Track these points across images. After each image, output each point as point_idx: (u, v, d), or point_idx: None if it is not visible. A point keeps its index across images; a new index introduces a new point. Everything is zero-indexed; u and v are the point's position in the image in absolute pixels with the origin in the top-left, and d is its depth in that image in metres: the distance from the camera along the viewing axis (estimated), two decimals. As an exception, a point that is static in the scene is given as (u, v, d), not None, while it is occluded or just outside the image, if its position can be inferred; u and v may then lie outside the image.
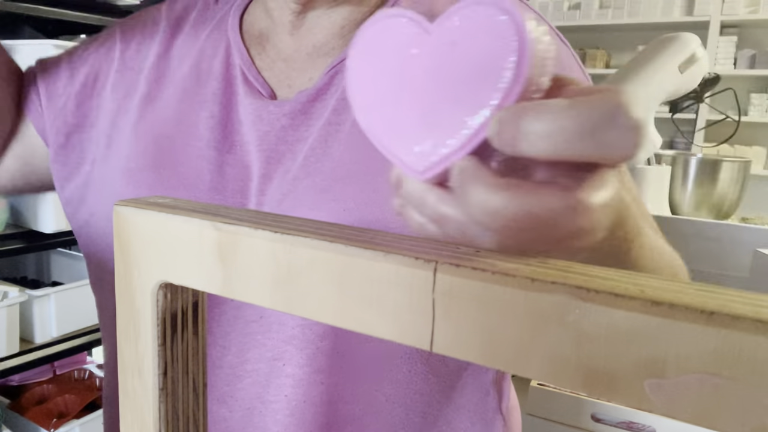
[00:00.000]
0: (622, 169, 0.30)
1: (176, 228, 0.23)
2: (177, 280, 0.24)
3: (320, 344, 0.45)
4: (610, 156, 0.20)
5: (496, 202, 0.20)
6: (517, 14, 0.22)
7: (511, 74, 0.21)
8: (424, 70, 0.24)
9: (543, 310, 0.16)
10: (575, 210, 0.20)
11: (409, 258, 0.19)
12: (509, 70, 0.21)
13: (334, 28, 0.52)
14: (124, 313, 0.26)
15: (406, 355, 0.47)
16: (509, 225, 0.21)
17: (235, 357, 0.47)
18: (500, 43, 0.22)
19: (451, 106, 0.23)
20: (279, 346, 0.45)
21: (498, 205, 0.20)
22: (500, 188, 0.21)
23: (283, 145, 0.48)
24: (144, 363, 0.25)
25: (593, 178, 0.21)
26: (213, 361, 0.47)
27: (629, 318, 0.15)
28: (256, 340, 0.46)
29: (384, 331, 0.19)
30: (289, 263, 0.21)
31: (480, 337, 0.18)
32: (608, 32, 3.93)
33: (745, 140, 3.56)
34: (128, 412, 0.26)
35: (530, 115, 0.20)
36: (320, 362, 0.45)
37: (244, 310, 0.46)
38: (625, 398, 0.16)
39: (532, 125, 0.20)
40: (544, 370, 0.17)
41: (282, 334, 0.45)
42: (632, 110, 0.20)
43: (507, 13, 0.22)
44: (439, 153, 0.23)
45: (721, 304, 0.14)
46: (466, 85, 0.23)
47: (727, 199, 1.38)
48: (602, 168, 0.22)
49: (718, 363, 0.14)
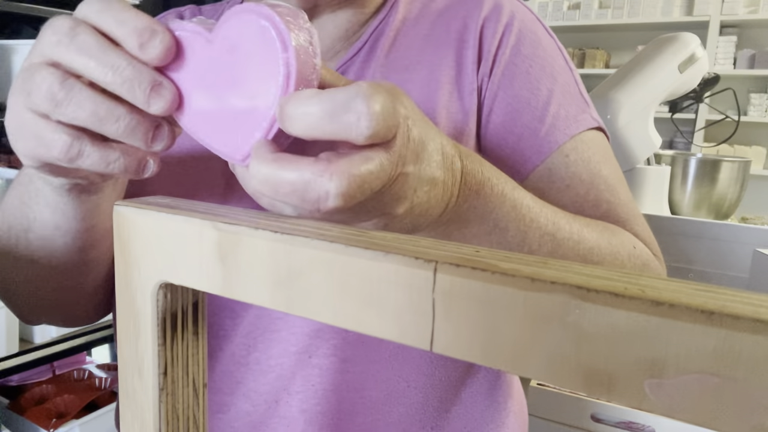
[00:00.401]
0: (463, 156, 0.33)
1: (176, 228, 0.23)
2: (177, 280, 0.24)
3: (346, 334, 0.47)
4: (349, 135, 0.25)
5: (262, 172, 0.25)
6: (275, 19, 0.27)
7: (283, 70, 0.27)
8: (217, 74, 0.29)
9: (543, 310, 0.16)
10: (325, 176, 0.24)
11: (409, 258, 0.19)
12: (281, 66, 0.27)
13: (339, 31, 0.53)
14: (124, 313, 0.26)
15: None
16: (277, 191, 0.25)
17: (262, 353, 0.48)
18: (268, 46, 0.27)
19: (249, 102, 0.28)
20: (304, 340, 0.47)
21: (264, 173, 0.25)
22: (267, 161, 0.25)
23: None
24: (144, 363, 0.25)
25: (355, 154, 0.25)
26: (238, 359, 0.48)
27: (629, 318, 0.15)
28: (281, 336, 0.47)
29: (384, 331, 0.19)
30: (289, 263, 0.21)
31: (480, 337, 0.18)
32: (608, 32, 3.93)
33: (745, 140, 3.56)
34: (128, 411, 0.26)
35: (289, 102, 0.26)
36: (346, 352, 0.47)
37: (268, 309, 0.47)
38: (625, 398, 0.16)
39: (289, 109, 0.26)
40: (544, 370, 0.17)
41: (307, 327, 0.47)
42: (369, 99, 0.24)
43: (267, 19, 0.27)
44: (249, 142, 0.28)
45: (721, 304, 0.14)
46: (254, 82, 0.28)
47: (726, 199, 1.38)
48: (366, 147, 0.26)
49: (718, 363, 0.14)
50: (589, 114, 0.52)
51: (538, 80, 0.51)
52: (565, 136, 0.50)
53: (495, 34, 0.52)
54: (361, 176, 0.25)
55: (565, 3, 3.88)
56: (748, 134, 3.55)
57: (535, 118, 0.50)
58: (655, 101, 1.32)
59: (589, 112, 0.53)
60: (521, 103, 0.51)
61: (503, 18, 0.53)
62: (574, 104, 0.52)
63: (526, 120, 0.50)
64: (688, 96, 1.41)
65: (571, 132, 0.50)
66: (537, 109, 0.50)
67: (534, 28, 0.54)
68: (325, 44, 0.53)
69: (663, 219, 1.24)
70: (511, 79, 0.51)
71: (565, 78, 0.53)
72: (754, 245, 1.11)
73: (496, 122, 0.51)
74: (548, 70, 0.52)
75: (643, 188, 1.34)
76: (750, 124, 3.44)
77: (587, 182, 0.49)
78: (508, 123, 0.50)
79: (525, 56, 0.52)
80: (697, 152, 1.52)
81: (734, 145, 3.47)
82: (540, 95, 0.51)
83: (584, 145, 0.51)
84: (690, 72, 1.30)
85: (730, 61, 3.49)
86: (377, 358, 0.48)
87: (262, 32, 0.27)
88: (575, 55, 3.89)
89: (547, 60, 0.53)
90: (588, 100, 0.54)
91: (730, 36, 3.50)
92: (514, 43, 0.52)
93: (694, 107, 1.60)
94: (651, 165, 1.38)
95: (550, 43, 0.54)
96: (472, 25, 0.52)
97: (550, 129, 0.50)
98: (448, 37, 0.52)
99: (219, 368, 0.49)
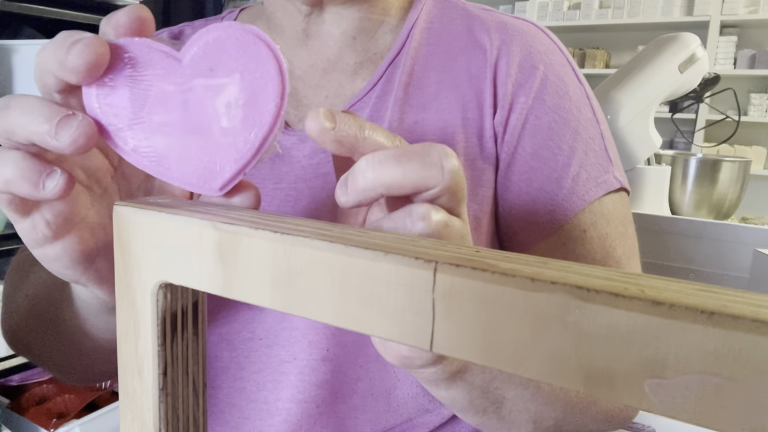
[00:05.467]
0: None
1: (176, 228, 0.23)
2: (177, 280, 0.24)
3: (355, 386, 0.47)
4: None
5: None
6: (261, 33, 0.24)
7: (278, 87, 0.24)
8: (187, 98, 0.26)
9: (543, 310, 0.16)
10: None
11: (409, 258, 0.19)
12: (275, 83, 0.24)
13: (346, 39, 0.50)
14: (124, 313, 0.26)
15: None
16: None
17: (270, 393, 0.47)
18: (257, 62, 0.25)
19: (227, 127, 0.25)
20: (311, 390, 0.46)
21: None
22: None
23: (302, 183, 0.48)
24: (144, 363, 0.25)
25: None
26: (248, 395, 0.48)
27: (629, 318, 0.15)
28: (289, 381, 0.47)
29: (384, 331, 0.19)
30: (289, 263, 0.21)
31: (480, 337, 0.18)
32: (608, 32, 3.93)
33: (745, 140, 3.56)
34: (128, 412, 0.26)
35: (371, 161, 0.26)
36: (356, 402, 0.47)
37: (277, 350, 0.47)
38: (625, 398, 0.16)
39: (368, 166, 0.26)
40: (544, 370, 0.17)
41: (314, 378, 0.46)
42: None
43: (252, 34, 0.25)
44: (231, 169, 0.26)
45: (721, 304, 0.14)
46: (237, 106, 0.25)
47: (727, 199, 1.38)
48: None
49: (718, 363, 0.14)
50: (612, 174, 0.49)
51: (560, 137, 0.47)
52: (583, 202, 0.47)
53: (509, 75, 0.48)
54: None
55: (565, 3, 3.88)
56: (749, 134, 3.55)
57: (553, 181, 0.47)
58: (656, 101, 1.32)
59: (612, 171, 0.49)
60: (540, 162, 0.47)
61: (519, 55, 0.48)
62: (597, 164, 0.48)
63: (543, 182, 0.47)
64: (688, 96, 1.41)
65: (590, 197, 0.47)
66: (556, 170, 0.47)
67: (562, 73, 0.50)
68: (332, 53, 0.50)
69: (663, 219, 1.24)
70: (532, 134, 0.47)
71: (591, 133, 0.49)
72: (754, 245, 1.11)
73: (513, 180, 0.48)
74: (572, 125, 0.48)
75: (643, 188, 1.34)
76: (750, 124, 3.44)
77: (599, 263, 0.47)
78: (524, 183, 0.48)
79: (549, 108, 0.48)
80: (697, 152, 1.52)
81: (734, 145, 3.47)
82: (560, 154, 0.47)
83: (603, 219, 0.48)
84: (690, 72, 1.30)
85: (730, 61, 3.49)
86: (386, 408, 0.47)
87: (250, 48, 0.25)
88: (575, 55, 3.89)
89: (572, 113, 0.48)
90: (612, 157, 0.50)
91: (731, 36, 3.50)
92: (537, 90, 0.48)
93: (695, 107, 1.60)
94: (651, 165, 1.38)
95: (578, 91, 0.50)
96: (489, 60, 0.49)
97: (568, 194, 0.47)
98: (468, 73, 0.49)
99: (227, 401, 0.49)
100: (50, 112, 0.26)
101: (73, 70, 0.25)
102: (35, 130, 0.26)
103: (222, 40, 0.25)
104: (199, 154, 0.26)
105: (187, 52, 0.26)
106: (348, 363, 0.46)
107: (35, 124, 0.25)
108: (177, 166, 0.26)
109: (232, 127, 0.25)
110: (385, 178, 0.26)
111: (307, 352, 0.46)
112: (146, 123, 0.26)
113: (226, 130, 0.26)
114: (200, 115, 0.26)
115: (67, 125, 0.25)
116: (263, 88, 0.25)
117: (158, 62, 0.26)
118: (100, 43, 0.25)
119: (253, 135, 0.25)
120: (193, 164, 0.26)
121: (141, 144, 0.27)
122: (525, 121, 0.47)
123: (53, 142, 0.25)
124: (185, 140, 0.26)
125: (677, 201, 1.42)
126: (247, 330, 0.47)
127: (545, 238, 0.47)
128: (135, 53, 0.26)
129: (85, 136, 0.25)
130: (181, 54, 0.26)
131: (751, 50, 3.47)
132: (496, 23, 0.50)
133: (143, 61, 0.26)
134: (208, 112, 0.26)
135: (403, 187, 0.26)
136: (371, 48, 0.51)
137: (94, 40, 0.25)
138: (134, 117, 0.26)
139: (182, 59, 0.26)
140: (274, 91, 0.25)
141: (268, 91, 0.25)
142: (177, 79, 0.26)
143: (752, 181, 1.47)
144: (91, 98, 0.26)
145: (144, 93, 0.26)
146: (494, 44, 0.49)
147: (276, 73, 0.25)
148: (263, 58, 0.25)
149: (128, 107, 0.26)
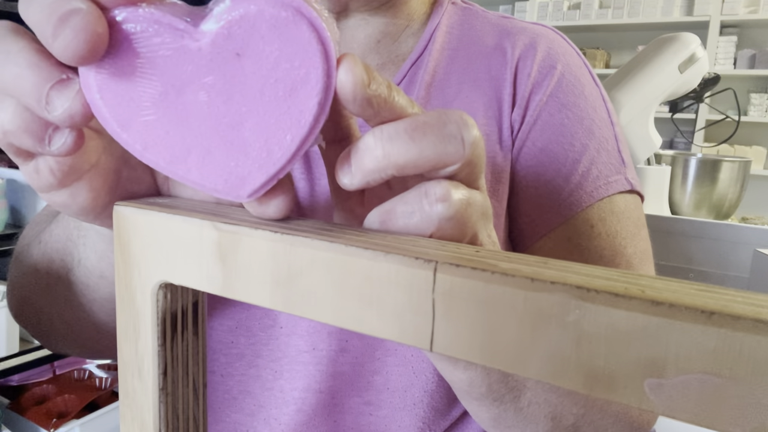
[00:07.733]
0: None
1: (176, 228, 0.23)
2: (177, 280, 0.24)
3: (371, 379, 0.47)
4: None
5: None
6: (304, 7, 0.19)
7: (322, 79, 0.20)
8: (210, 90, 0.21)
9: (543, 310, 0.16)
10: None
11: (409, 258, 0.19)
12: (318, 74, 0.20)
13: (370, 42, 0.50)
14: (124, 313, 0.26)
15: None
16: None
17: (287, 382, 0.47)
18: (297, 47, 0.20)
19: (259, 124, 0.21)
20: (328, 380, 0.46)
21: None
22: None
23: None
24: (144, 363, 0.25)
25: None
26: (263, 383, 0.48)
27: (629, 318, 0.15)
28: (307, 370, 0.47)
29: (384, 331, 0.19)
30: (289, 263, 0.21)
31: (480, 337, 0.17)
32: (608, 32, 3.92)
33: (745, 140, 3.56)
34: (128, 411, 0.26)
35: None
36: (371, 396, 0.47)
37: (296, 339, 0.47)
38: (625, 398, 0.16)
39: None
40: (544, 370, 0.17)
41: (332, 368, 0.46)
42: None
43: (292, 9, 0.19)
44: (265, 173, 0.21)
45: (721, 304, 0.14)
46: (272, 100, 0.20)
47: (727, 199, 1.38)
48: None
49: (718, 363, 0.14)
50: (624, 175, 0.48)
51: (572, 134, 0.47)
52: (590, 198, 0.46)
53: (529, 75, 0.49)
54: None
55: (565, 3, 3.88)
56: (749, 134, 3.55)
57: (562, 176, 0.47)
58: (656, 101, 1.32)
59: (624, 173, 0.48)
60: (549, 156, 0.47)
61: (538, 56, 0.49)
62: (608, 163, 0.48)
63: (551, 176, 0.47)
64: (688, 96, 1.41)
65: (598, 195, 0.46)
66: (565, 166, 0.47)
67: (579, 74, 0.50)
68: (356, 54, 0.51)
69: (663, 219, 1.24)
70: (543, 129, 0.47)
71: (605, 133, 0.49)
72: (754, 245, 1.11)
73: (521, 174, 0.48)
74: (586, 123, 0.48)
75: (643, 188, 1.34)
76: (750, 124, 3.44)
77: (607, 259, 0.46)
78: (532, 177, 0.47)
79: (563, 105, 0.48)
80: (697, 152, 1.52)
81: (734, 145, 3.47)
82: (572, 151, 0.47)
83: (614, 216, 0.47)
84: (690, 72, 1.30)
85: (730, 61, 3.49)
86: (402, 405, 0.47)
87: (288, 27, 0.20)
88: (575, 55, 3.90)
89: (587, 111, 0.49)
90: (626, 159, 0.49)
91: (731, 36, 3.50)
92: (553, 88, 0.48)
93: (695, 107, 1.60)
94: (651, 165, 1.38)
95: (594, 92, 0.50)
96: (510, 62, 0.49)
97: (575, 189, 0.46)
98: (488, 74, 0.49)
99: (240, 388, 0.49)
100: (39, 75, 0.21)
101: (63, 56, 0.20)
102: (21, 94, 0.21)
103: (252, 17, 0.20)
104: (225, 158, 0.22)
105: (208, 31, 0.20)
106: (366, 355, 0.46)
107: (21, 89, 0.21)
108: (198, 168, 0.22)
109: (263, 128, 0.21)
110: (398, 158, 0.22)
111: (327, 342, 0.46)
112: (159, 116, 0.21)
113: (257, 131, 0.21)
114: (225, 111, 0.21)
115: (61, 94, 0.21)
116: (304, 79, 0.20)
117: (170, 42, 0.20)
118: (96, 19, 0.20)
119: (289, 138, 0.21)
120: (218, 168, 0.22)
121: (154, 142, 0.22)
122: (537, 116, 0.48)
123: (44, 113, 0.21)
124: (207, 140, 0.21)
125: (677, 201, 1.42)
126: (269, 318, 0.47)
127: (551, 231, 0.47)
128: (140, 29, 0.20)
129: (85, 107, 0.21)
130: (199, 32, 0.20)
131: (751, 50, 3.47)
132: (516, 28, 0.52)
133: (150, 42, 0.20)
134: (234, 109, 0.21)
135: (419, 167, 0.22)
136: (394, 51, 0.52)
137: (89, 15, 0.19)
138: (144, 109, 0.21)
139: (200, 40, 0.20)
140: (318, 85, 0.20)
141: (310, 83, 0.20)
142: (195, 66, 0.20)
143: (752, 181, 1.47)
144: (90, 85, 0.21)
145: (153, 80, 0.21)
146: (516, 47, 0.50)
147: (320, 60, 0.20)
148: (304, 41, 0.20)
149: (135, 98, 0.21)
